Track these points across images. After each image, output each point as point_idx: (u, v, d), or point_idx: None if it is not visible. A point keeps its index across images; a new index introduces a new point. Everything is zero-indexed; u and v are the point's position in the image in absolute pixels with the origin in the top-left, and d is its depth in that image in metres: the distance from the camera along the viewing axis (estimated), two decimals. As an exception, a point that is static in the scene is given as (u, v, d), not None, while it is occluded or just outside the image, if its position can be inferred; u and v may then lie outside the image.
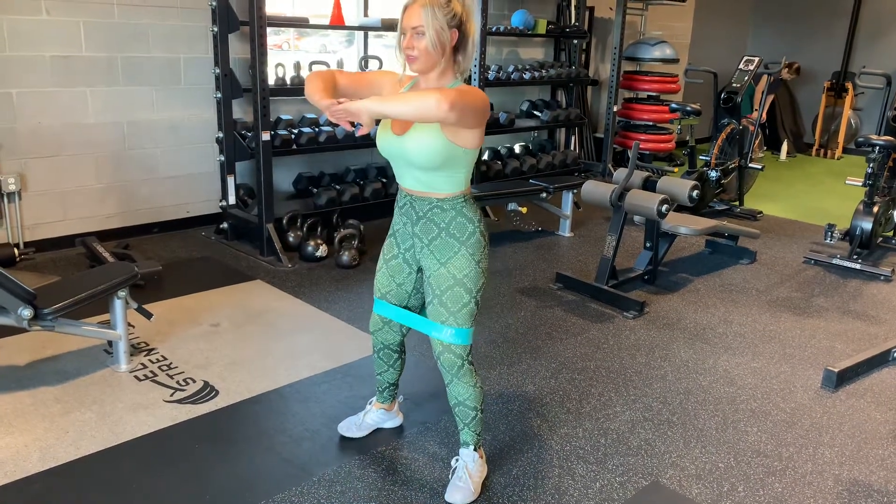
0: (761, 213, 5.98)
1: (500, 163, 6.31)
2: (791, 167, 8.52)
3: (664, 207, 3.89)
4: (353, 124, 2.03)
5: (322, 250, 4.46)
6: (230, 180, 4.82)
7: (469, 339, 2.21)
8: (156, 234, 4.85)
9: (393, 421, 2.66)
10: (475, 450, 2.32)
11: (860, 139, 4.84)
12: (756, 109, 6.39)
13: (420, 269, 2.26)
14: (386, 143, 2.14)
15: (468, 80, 2.38)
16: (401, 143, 2.09)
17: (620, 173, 4.19)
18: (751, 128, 5.99)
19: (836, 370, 3.17)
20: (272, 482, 2.34)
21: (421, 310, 2.34)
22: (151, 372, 3.01)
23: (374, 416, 2.61)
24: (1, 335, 3.17)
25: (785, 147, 8.73)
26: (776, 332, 3.75)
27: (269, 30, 4.29)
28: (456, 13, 2.04)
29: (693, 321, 3.83)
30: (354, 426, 2.59)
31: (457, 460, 2.33)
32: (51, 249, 4.39)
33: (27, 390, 2.81)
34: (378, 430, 2.63)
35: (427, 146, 2.04)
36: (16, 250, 4.16)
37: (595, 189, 4.23)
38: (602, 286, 4.04)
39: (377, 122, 2.08)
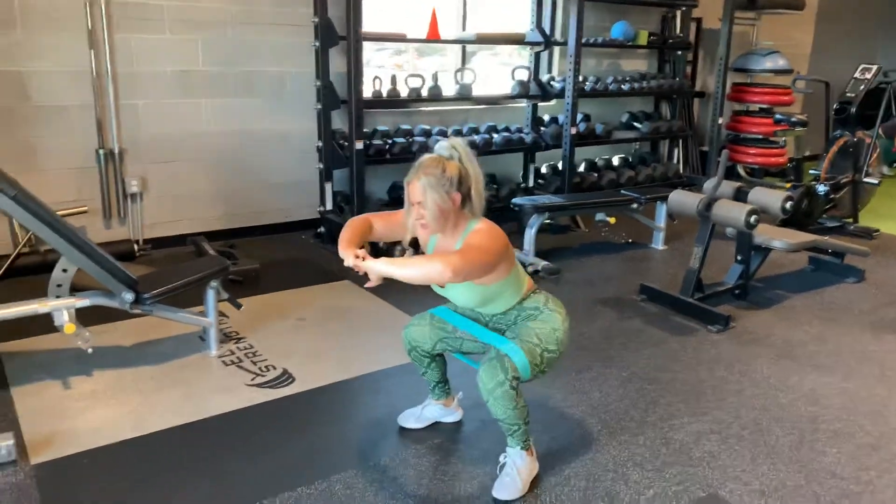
0: (878, 231, 5.57)
1: (595, 174, 6.25)
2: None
3: (752, 219, 3.73)
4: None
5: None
6: (328, 187, 5.08)
7: (523, 368, 2.20)
8: (260, 236, 5.18)
9: (452, 416, 2.73)
10: (523, 448, 2.34)
11: None
12: None
13: None
14: (436, 289, 2.35)
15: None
16: (444, 292, 2.34)
17: (710, 183, 4.06)
18: (867, 140, 5.61)
19: (937, 395, 2.93)
20: (331, 463, 2.47)
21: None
22: (238, 358, 3.24)
23: (433, 410, 2.69)
24: (113, 319, 3.51)
25: None
26: (876, 353, 3.50)
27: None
28: (452, 178, 2.13)
29: (782, 338, 3.65)
30: (413, 418, 2.69)
31: (505, 456, 2.36)
32: (166, 247, 4.81)
33: (129, 368, 3.12)
34: (437, 424, 2.71)
35: (464, 296, 2.26)
36: (135, 246, 4.59)
37: (683, 199, 4.13)
38: (687, 298, 3.92)
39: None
